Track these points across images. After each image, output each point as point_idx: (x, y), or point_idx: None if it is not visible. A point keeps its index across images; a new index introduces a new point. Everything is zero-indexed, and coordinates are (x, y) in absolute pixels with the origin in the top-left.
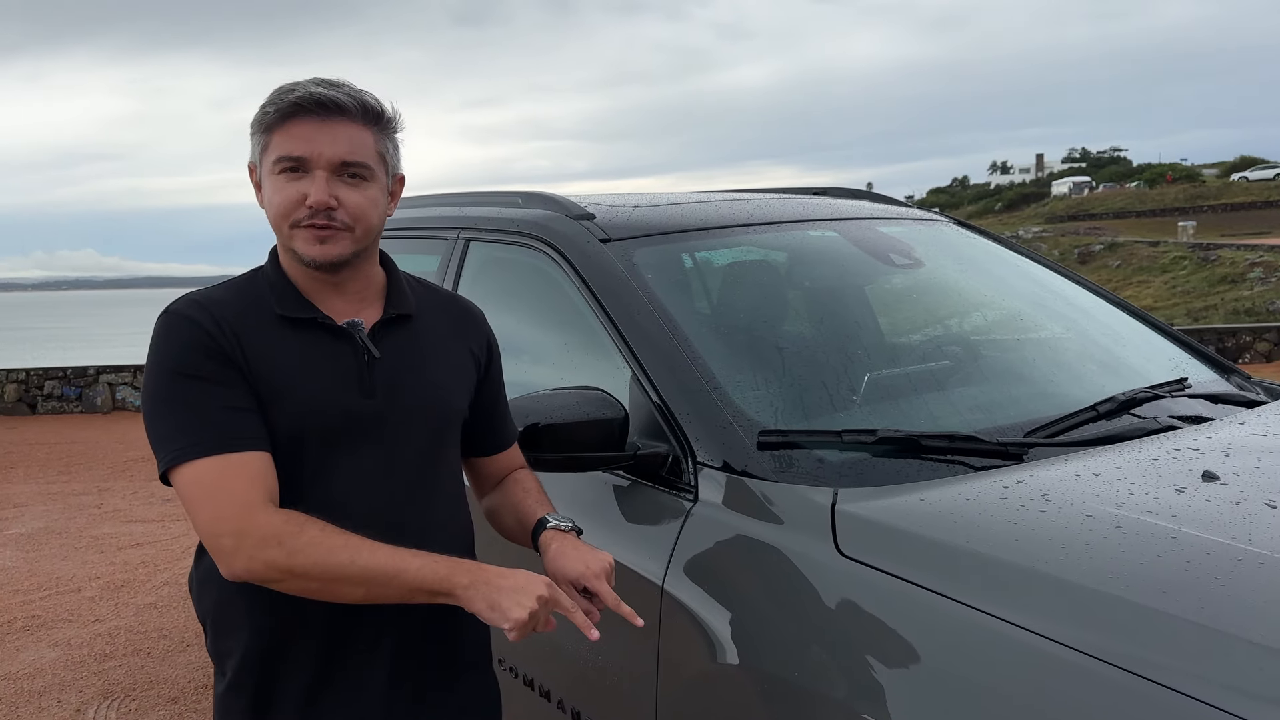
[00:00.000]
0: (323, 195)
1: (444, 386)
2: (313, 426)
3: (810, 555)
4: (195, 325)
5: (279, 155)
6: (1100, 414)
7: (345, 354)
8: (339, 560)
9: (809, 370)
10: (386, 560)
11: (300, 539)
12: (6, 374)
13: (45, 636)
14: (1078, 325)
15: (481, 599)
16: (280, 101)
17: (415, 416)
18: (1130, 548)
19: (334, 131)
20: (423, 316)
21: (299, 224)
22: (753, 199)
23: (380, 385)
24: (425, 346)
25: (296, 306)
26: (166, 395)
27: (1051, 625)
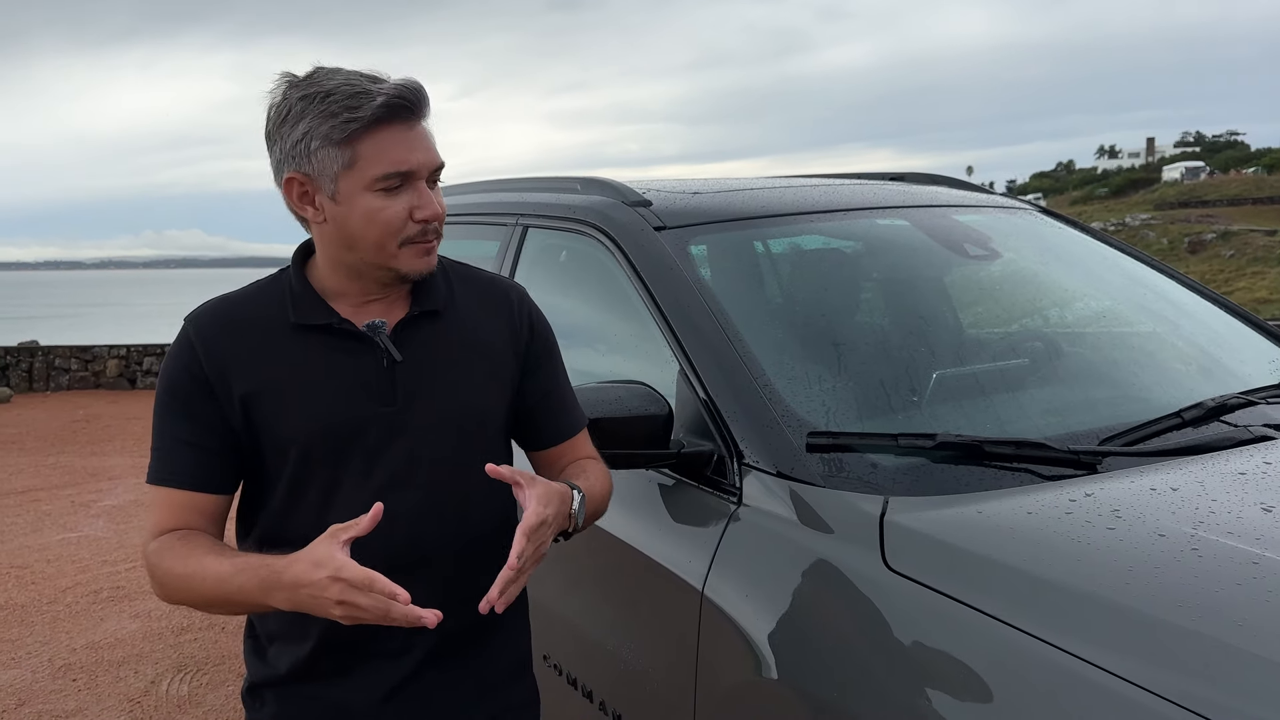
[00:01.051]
0: (438, 209)
1: (475, 386)
2: (328, 440)
3: (855, 567)
4: (190, 348)
5: (385, 172)
6: (1186, 421)
7: (366, 359)
8: (187, 590)
9: (869, 368)
10: (214, 588)
11: (160, 571)
12: (109, 349)
13: (128, 607)
14: (1168, 323)
15: (303, 610)
16: (366, 104)
17: (442, 422)
18: (1206, 573)
19: (421, 135)
20: (454, 308)
21: (410, 240)
22: (819, 185)
23: (402, 391)
24: (455, 344)
25: (313, 312)
26: (156, 410)
27: (1110, 657)
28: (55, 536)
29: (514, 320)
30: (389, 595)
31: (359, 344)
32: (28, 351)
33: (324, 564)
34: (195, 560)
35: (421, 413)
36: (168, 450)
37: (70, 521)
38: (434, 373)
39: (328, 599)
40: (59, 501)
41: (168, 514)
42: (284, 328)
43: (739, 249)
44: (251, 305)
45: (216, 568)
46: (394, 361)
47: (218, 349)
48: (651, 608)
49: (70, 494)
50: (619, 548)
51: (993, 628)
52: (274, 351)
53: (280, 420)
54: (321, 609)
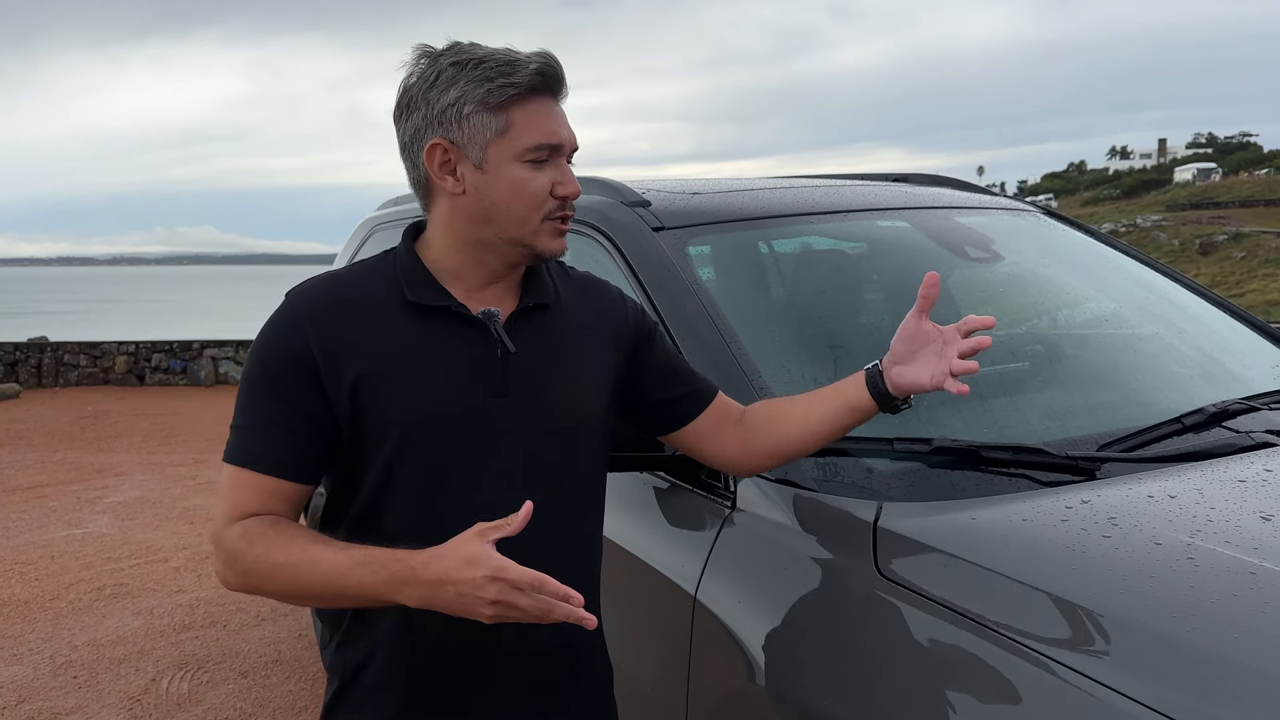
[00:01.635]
0: (576, 184)
1: (583, 384)
2: (437, 426)
3: (848, 574)
4: (297, 329)
5: (538, 143)
6: (1186, 426)
7: (479, 347)
8: (282, 580)
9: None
10: (325, 580)
11: (248, 558)
12: (118, 346)
13: (131, 604)
14: (1171, 327)
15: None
16: (522, 70)
17: (550, 417)
18: (1201, 583)
19: (560, 111)
20: (561, 304)
21: (551, 216)
22: (820, 186)
23: (515, 383)
24: (563, 339)
25: (430, 293)
26: (244, 389)
27: (1102, 668)
28: (60, 533)
29: (620, 322)
30: (562, 597)
31: (473, 331)
32: (37, 347)
33: (479, 562)
34: (299, 549)
35: (531, 407)
36: (255, 431)
37: (76, 518)
38: (544, 366)
39: (482, 598)
40: (65, 498)
41: (248, 497)
42: (397, 307)
43: (738, 250)
44: (361, 284)
45: (331, 558)
46: (508, 352)
47: (328, 328)
48: (645, 611)
49: (77, 490)
50: (612, 550)
51: (986, 636)
52: (387, 332)
53: (389, 403)
54: (468, 608)
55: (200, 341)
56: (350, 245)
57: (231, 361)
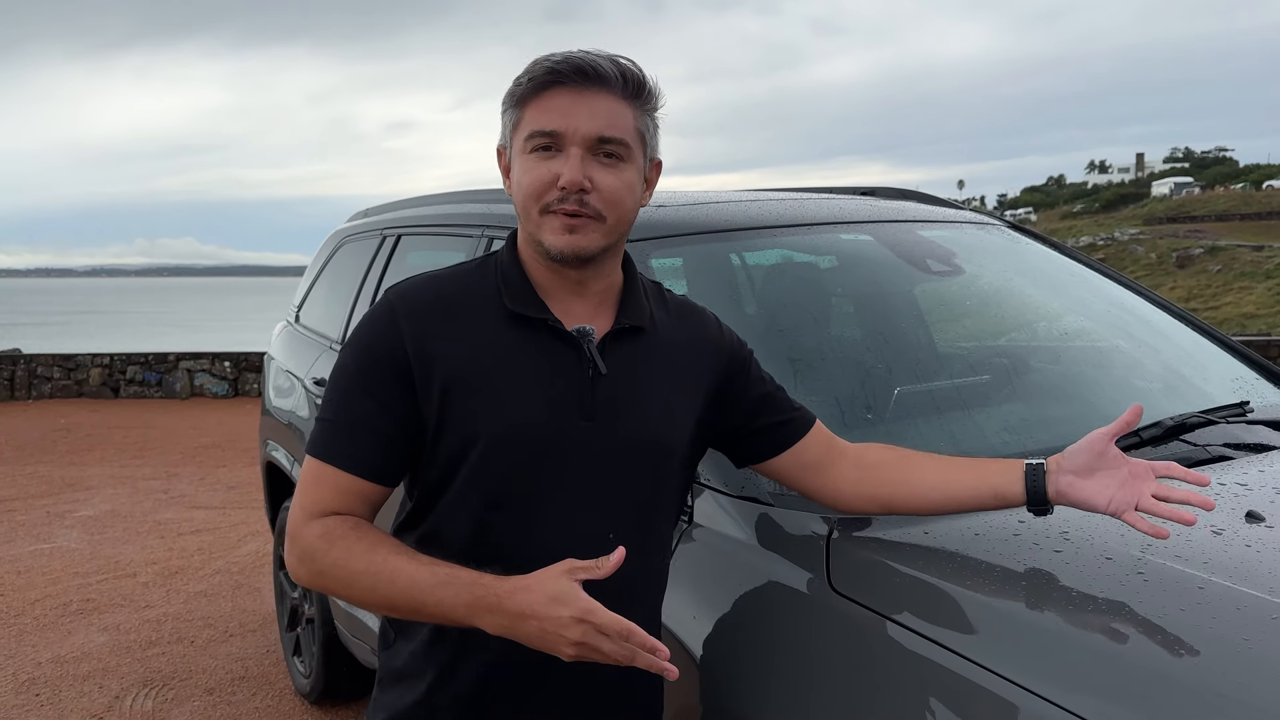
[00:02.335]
0: (576, 174)
1: (668, 413)
2: (521, 442)
3: (802, 589)
4: (393, 327)
5: (532, 130)
6: (1144, 440)
7: (570, 365)
8: (359, 588)
9: (828, 384)
10: (403, 594)
11: (326, 559)
12: (92, 358)
13: (97, 620)
14: (1132, 340)
15: (515, 637)
16: (535, 71)
17: (635, 445)
18: (1150, 598)
19: (592, 104)
20: (655, 329)
21: (550, 208)
22: (786, 199)
23: (602, 406)
24: (656, 363)
25: (528, 304)
26: (335, 381)
27: (1049, 685)
28: (28, 547)
29: (713, 342)
30: (649, 649)
31: (566, 348)
32: (9, 359)
33: (566, 602)
34: (380, 558)
35: (617, 432)
36: (345, 428)
37: (44, 532)
38: (635, 392)
39: (566, 637)
40: (34, 512)
41: (328, 494)
42: (495, 314)
43: (702, 263)
44: (462, 285)
45: (413, 573)
46: (598, 373)
47: (424, 328)
48: None
49: (46, 504)
50: None
51: (934, 653)
52: (483, 338)
53: (476, 414)
54: (550, 644)
55: (176, 354)
56: (319, 257)
57: (208, 374)
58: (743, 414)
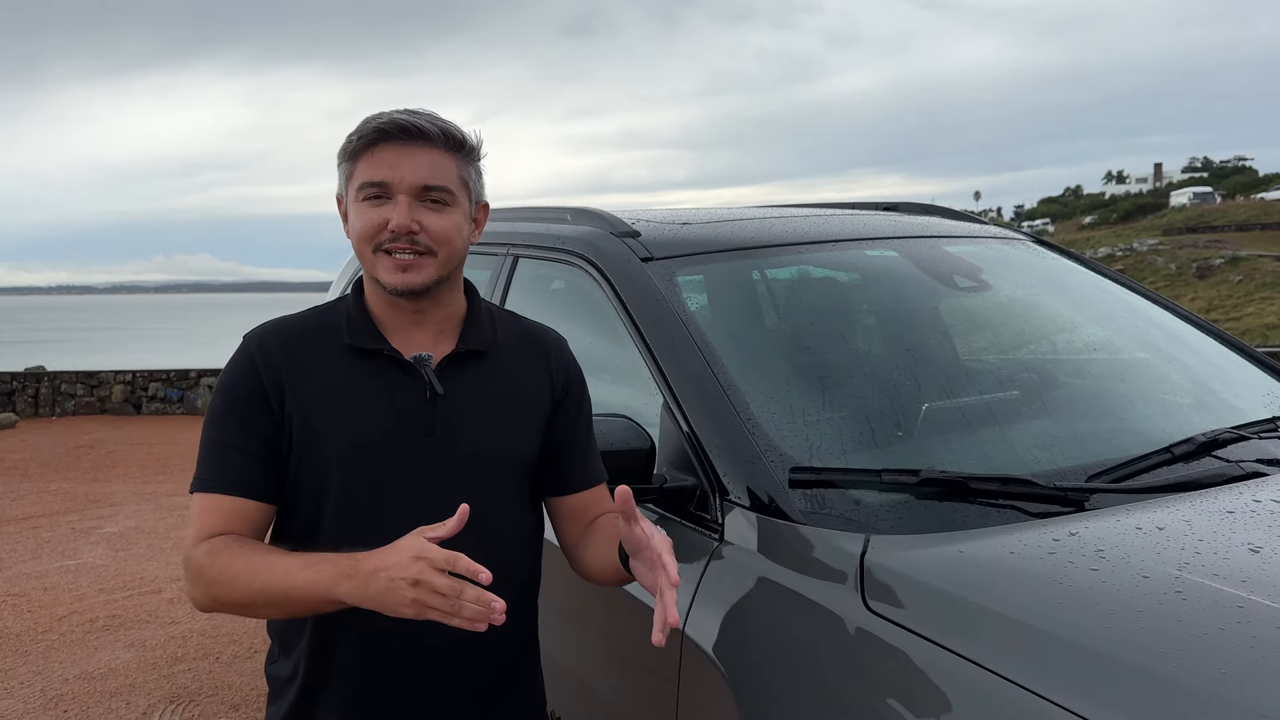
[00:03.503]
0: (404, 219)
1: (510, 429)
2: (362, 463)
3: (835, 609)
4: (249, 360)
5: (362, 181)
6: (1176, 456)
7: (409, 389)
8: (241, 588)
9: (855, 401)
10: (278, 581)
11: (213, 569)
12: (115, 375)
13: (123, 636)
14: (1162, 355)
15: (369, 602)
16: (364, 129)
17: (475, 460)
18: (1189, 617)
19: (416, 157)
20: (498, 352)
21: (381, 247)
22: (810, 216)
23: (440, 424)
24: (495, 385)
25: (366, 337)
26: (207, 421)
27: (1088, 705)
28: (54, 564)
29: (552, 369)
30: (471, 574)
31: (404, 374)
32: (34, 377)
33: (406, 548)
34: (259, 556)
35: (457, 447)
36: (218, 457)
37: (70, 549)
38: (473, 410)
39: (404, 579)
40: (59, 528)
41: (214, 520)
42: (338, 349)
43: (727, 280)
44: (310, 325)
45: (285, 562)
46: (435, 394)
47: (276, 361)
48: (632, 645)
49: (71, 520)
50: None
51: (970, 672)
52: (326, 370)
53: (321, 439)
54: (394, 595)
55: (197, 370)
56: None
57: None
58: (559, 443)
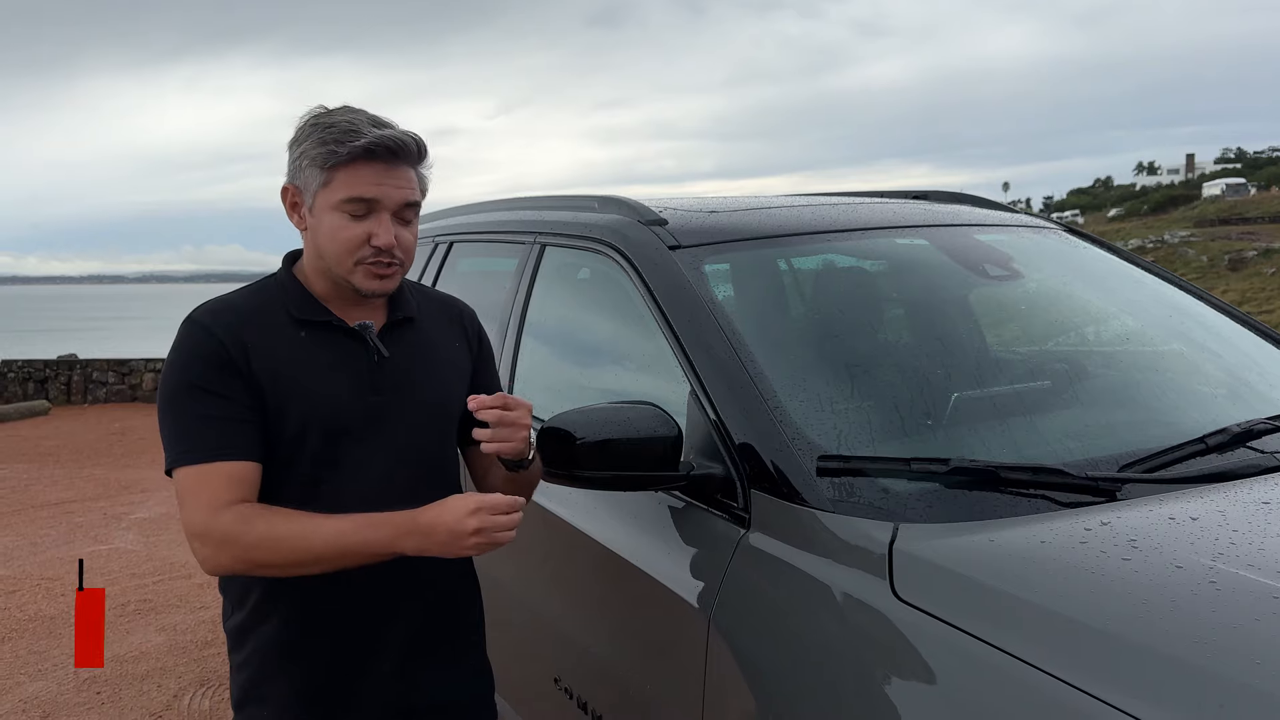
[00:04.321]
0: (390, 239)
1: (445, 384)
2: (326, 421)
3: (864, 597)
4: (209, 335)
5: (349, 196)
6: (1209, 446)
7: (357, 354)
8: (289, 549)
9: (884, 390)
10: (331, 541)
11: (251, 536)
12: (145, 363)
13: (154, 621)
14: (1195, 345)
15: (429, 551)
16: (349, 143)
17: (423, 412)
18: (1224, 608)
19: (399, 176)
20: (423, 319)
21: (363, 261)
22: (839, 204)
23: (389, 383)
24: (428, 346)
25: (313, 311)
26: (174, 401)
27: (1123, 696)
28: (86, 548)
29: (467, 332)
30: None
31: (351, 341)
32: (66, 365)
33: (462, 505)
34: (301, 521)
35: (403, 403)
36: (203, 431)
37: (102, 534)
38: (413, 369)
39: (466, 531)
40: (91, 514)
41: (221, 487)
42: (285, 322)
43: (755, 268)
44: (252, 303)
45: (334, 524)
46: (382, 357)
47: (234, 334)
48: (660, 633)
49: (103, 506)
50: (628, 570)
51: (1002, 662)
52: (280, 340)
53: (287, 401)
54: (456, 545)
55: None
56: None
57: None
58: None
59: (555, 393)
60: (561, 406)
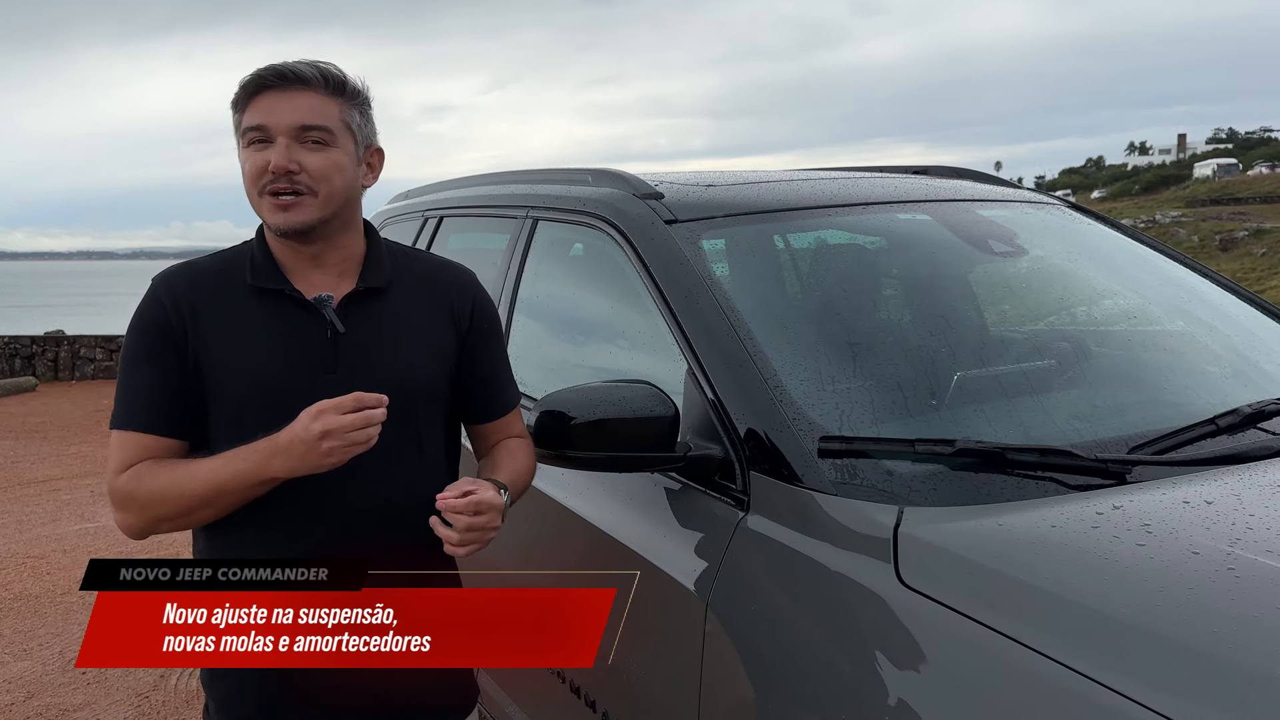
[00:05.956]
0: (282, 159)
1: (414, 362)
2: (269, 399)
3: (867, 582)
4: (157, 303)
5: (246, 126)
6: (1220, 428)
7: (311, 328)
8: (174, 498)
9: (886, 369)
10: (207, 480)
11: (140, 492)
12: None
13: None
14: (1202, 324)
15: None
16: (246, 79)
17: (380, 392)
18: (1243, 595)
19: (294, 100)
20: (400, 288)
21: (264, 190)
22: (838, 178)
23: (343, 361)
24: (397, 320)
25: (268, 278)
26: (121, 365)
27: (1138, 686)
28: (73, 526)
29: (457, 303)
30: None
31: (307, 314)
32: (54, 341)
33: (305, 411)
34: (180, 468)
35: (360, 383)
36: (133, 397)
37: (89, 511)
38: (374, 346)
39: (315, 433)
40: (79, 491)
41: (132, 454)
42: (243, 289)
43: (753, 244)
44: (215, 267)
45: (208, 464)
46: (337, 333)
47: (183, 301)
48: (656, 618)
49: (90, 484)
50: (624, 554)
51: (1012, 650)
52: (231, 309)
53: (226, 372)
54: (313, 454)
55: None
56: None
57: None
58: (471, 375)
59: (548, 371)
60: (555, 386)
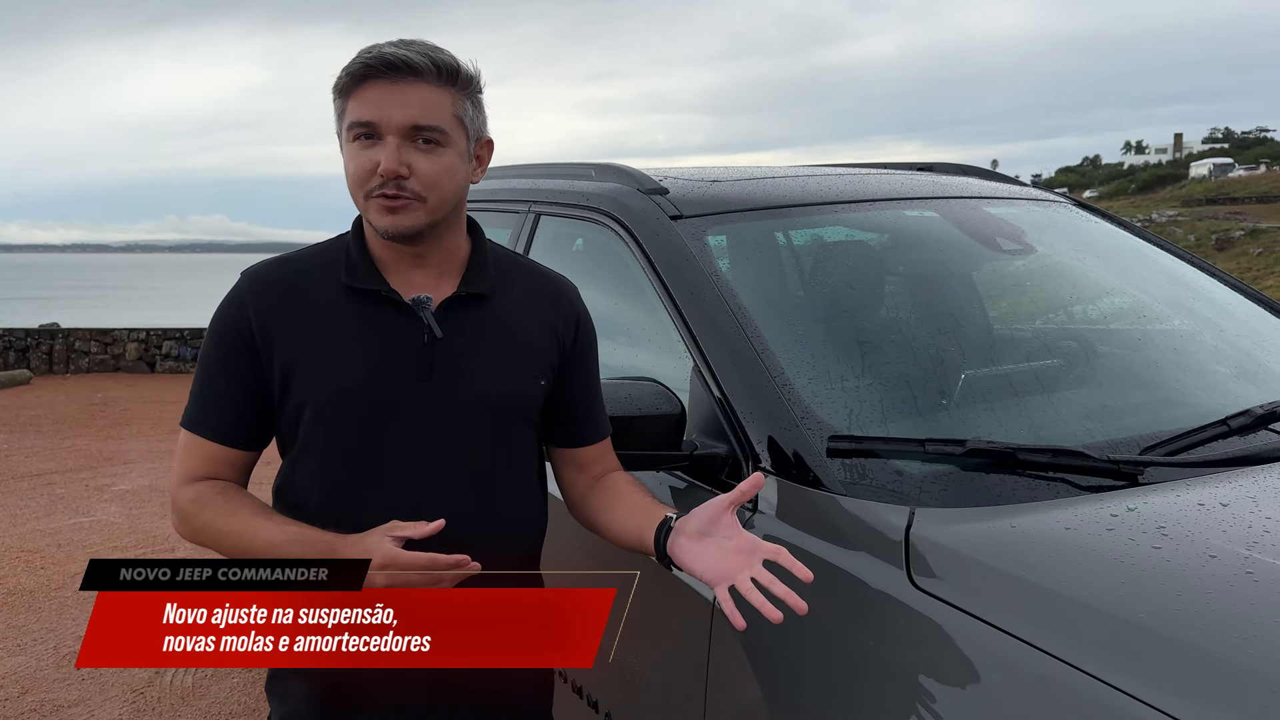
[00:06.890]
0: (393, 163)
1: (512, 373)
2: (356, 403)
3: (878, 584)
4: (239, 306)
5: (351, 121)
6: (1233, 429)
7: (408, 332)
8: (226, 545)
9: (895, 368)
10: (262, 550)
11: (198, 521)
12: (129, 333)
13: None
14: (1212, 324)
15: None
16: (351, 65)
17: (475, 404)
18: (1263, 600)
19: (405, 94)
20: (504, 295)
21: (372, 193)
22: (845, 174)
23: (439, 368)
24: (498, 328)
25: (364, 278)
26: (198, 363)
27: (1156, 693)
28: (67, 521)
29: (561, 315)
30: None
31: (403, 316)
32: (48, 334)
33: (372, 552)
34: (243, 519)
35: (455, 392)
36: (205, 400)
37: (83, 506)
38: (473, 354)
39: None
40: (73, 485)
41: (197, 461)
42: (336, 289)
43: (759, 240)
44: (308, 265)
45: (268, 533)
46: (435, 338)
47: (268, 306)
48: (662, 620)
49: (85, 478)
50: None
51: (1026, 654)
52: (321, 309)
53: (309, 382)
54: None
55: None
56: None
57: None
58: (564, 394)
59: None
60: None
